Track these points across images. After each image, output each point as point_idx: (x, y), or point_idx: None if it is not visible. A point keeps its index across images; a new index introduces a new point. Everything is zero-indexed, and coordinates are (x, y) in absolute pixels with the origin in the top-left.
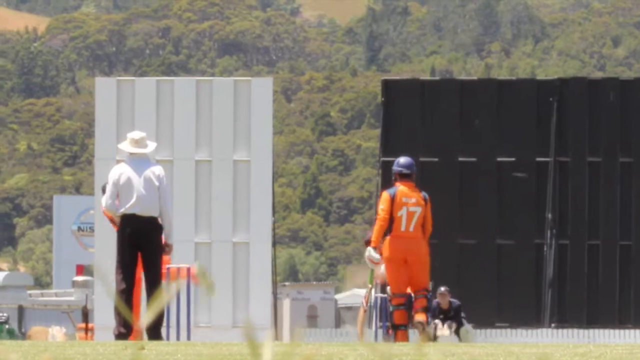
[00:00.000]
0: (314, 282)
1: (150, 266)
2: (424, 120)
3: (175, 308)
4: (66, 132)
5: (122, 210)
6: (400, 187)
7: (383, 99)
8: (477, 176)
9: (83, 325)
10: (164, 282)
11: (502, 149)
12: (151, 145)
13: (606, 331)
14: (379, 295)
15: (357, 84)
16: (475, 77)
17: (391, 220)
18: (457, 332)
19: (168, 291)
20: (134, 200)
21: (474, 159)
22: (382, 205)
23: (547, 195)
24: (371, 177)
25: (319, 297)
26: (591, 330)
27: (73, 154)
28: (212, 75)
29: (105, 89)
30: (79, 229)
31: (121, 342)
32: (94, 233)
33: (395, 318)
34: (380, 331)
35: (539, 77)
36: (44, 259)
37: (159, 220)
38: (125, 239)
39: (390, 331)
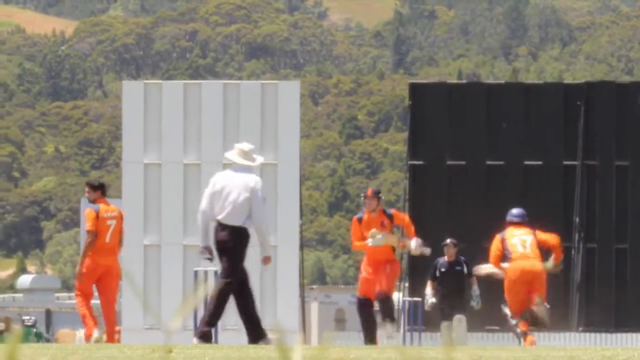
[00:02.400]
0: (342, 286)
1: (223, 273)
2: (451, 124)
3: (202, 311)
4: (94, 135)
5: (216, 217)
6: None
7: (410, 103)
8: (504, 180)
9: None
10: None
11: (530, 153)
12: (258, 159)
13: (634, 335)
14: (407, 299)
15: (385, 87)
16: (502, 81)
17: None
18: (460, 289)
19: (196, 294)
20: (223, 208)
21: (501, 163)
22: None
23: (574, 199)
24: (399, 180)
25: (346, 301)
26: (619, 335)
27: (100, 157)
28: (240, 78)
29: (132, 93)
30: None
31: (148, 345)
32: None
33: (520, 326)
34: (408, 334)
35: (566, 81)
36: (71, 262)
37: (248, 230)
38: (216, 244)
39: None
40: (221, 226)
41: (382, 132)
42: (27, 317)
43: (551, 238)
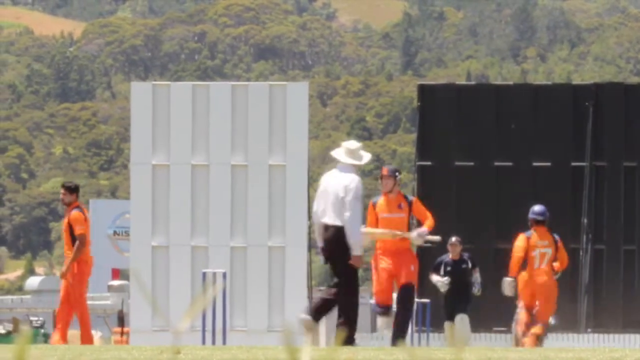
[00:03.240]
0: None
1: (339, 273)
2: (460, 125)
3: (210, 312)
4: (102, 137)
5: (321, 218)
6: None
7: (419, 104)
8: (512, 180)
9: (119, 329)
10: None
11: (538, 154)
12: (365, 157)
13: None
14: (416, 300)
15: (393, 89)
16: (511, 82)
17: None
18: (462, 278)
19: (205, 296)
20: (325, 209)
21: (509, 164)
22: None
23: (582, 200)
24: (407, 181)
25: None
26: (627, 335)
27: (109, 159)
28: (248, 80)
29: (140, 94)
30: (115, 233)
31: (157, 347)
32: (129, 237)
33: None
34: (416, 335)
35: (574, 82)
36: None
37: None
38: (323, 245)
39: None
40: (325, 227)
41: (390, 133)
42: (35, 319)
43: (564, 258)
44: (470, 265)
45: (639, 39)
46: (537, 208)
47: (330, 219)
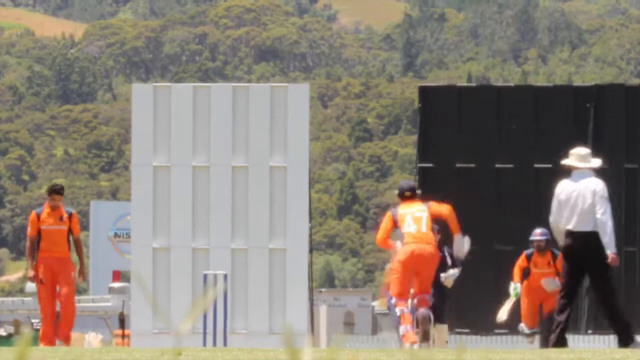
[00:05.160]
0: (351, 289)
1: (596, 278)
2: (461, 127)
3: (212, 315)
4: (103, 138)
5: (565, 226)
6: None
7: (420, 105)
8: (514, 182)
9: (120, 331)
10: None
11: (539, 156)
12: (595, 162)
13: None
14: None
15: (394, 90)
16: (512, 84)
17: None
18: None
19: (208, 297)
20: (569, 215)
21: (510, 165)
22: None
23: None
24: None
25: (355, 304)
26: None
27: (110, 160)
28: (249, 81)
29: (141, 95)
30: (116, 235)
31: (158, 349)
32: (130, 239)
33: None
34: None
35: (575, 84)
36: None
37: (598, 234)
38: (566, 253)
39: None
40: (571, 234)
41: (391, 135)
42: (37, 321)
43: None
44: (449, 261)
45: (639, 40)
46: (539, 230)
47: (578, 226)
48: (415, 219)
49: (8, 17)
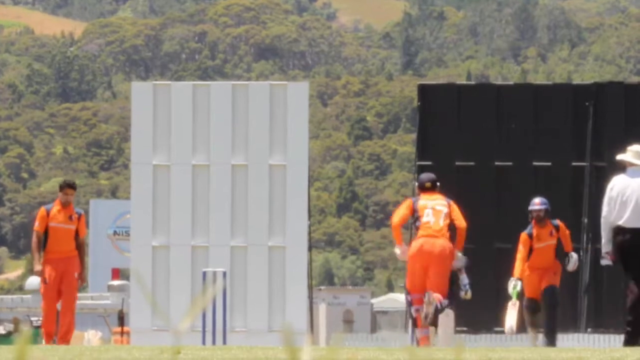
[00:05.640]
0: (350, 287)
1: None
2: (460, 125)
3: (211, 313)
4: (102, 137)
5: (616, 222)
6: None
7: (419, 104)
8: (513, 180)
9: (119, 329)
10: None
11: (538, 154)
12: None
13: None
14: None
15: (393, 89)
16: (511, 82)
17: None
18: None
19: (205, 296)
20: (621, 211)
21: (510, 163)
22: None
23: (583, 200)
24: (407, 181)
25: (355, 302)
26: None
27: (109, 158)
28: (248, 79)
29: (141, 94)
30: (115, 233)
31: (157, 347)
32: (129, 237)
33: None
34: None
35: (575, 82)
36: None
37: None
38: (617, 250)
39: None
40: (622, 230)
41: (390, 133)
42: (36, 318)
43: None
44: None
45: (639, 38)
46: (538, 200)
47: (630, 222)
48: (435, 211)
49: (7, 16)
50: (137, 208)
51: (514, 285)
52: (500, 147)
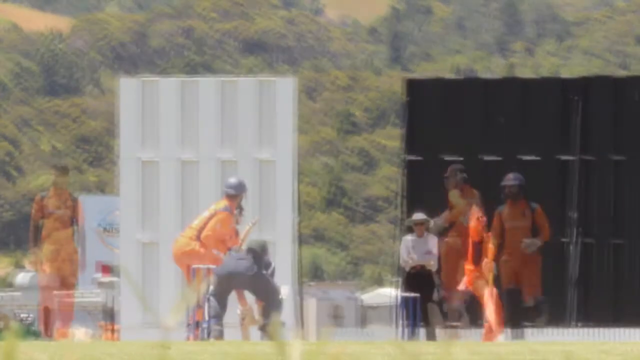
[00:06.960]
0: (339, 282)
1: None
2: (448, 120)
3: (200, 308)
4: (90, 133)
5: None
6: None
7: (407, 99)
8: (501, 175)
9: (107, 325)
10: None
11: (526, 148)
12: None
13: (631, 330)
14: (405, 294)
15: (381, 84)
16: (499, 76)
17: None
18: None
19: (193, 291)
20: None
21: (497, 158)
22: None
23: (571, 194)
24: (395, 176)
25: (344, 297)
26: (616, 330)
27: (97, 155)
28: (236, 75)
29: (129, 89)
30: (104, 229)
31: (147, 342)
32: (118, 233)
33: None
34: (406, 330)
35: (562, 76)
36: (70, 260)
37: None
38: None
39: None
40: None
41: (378, 128)
42: (25, 315)
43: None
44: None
45: (626, 32)
46: (512, 175)
47: None
48: None
49: None
50: (126, 204)
51: (489, 269)
52: (488, 141)
